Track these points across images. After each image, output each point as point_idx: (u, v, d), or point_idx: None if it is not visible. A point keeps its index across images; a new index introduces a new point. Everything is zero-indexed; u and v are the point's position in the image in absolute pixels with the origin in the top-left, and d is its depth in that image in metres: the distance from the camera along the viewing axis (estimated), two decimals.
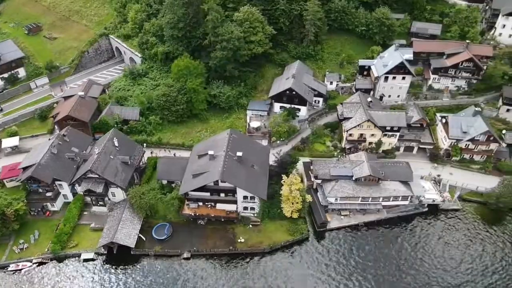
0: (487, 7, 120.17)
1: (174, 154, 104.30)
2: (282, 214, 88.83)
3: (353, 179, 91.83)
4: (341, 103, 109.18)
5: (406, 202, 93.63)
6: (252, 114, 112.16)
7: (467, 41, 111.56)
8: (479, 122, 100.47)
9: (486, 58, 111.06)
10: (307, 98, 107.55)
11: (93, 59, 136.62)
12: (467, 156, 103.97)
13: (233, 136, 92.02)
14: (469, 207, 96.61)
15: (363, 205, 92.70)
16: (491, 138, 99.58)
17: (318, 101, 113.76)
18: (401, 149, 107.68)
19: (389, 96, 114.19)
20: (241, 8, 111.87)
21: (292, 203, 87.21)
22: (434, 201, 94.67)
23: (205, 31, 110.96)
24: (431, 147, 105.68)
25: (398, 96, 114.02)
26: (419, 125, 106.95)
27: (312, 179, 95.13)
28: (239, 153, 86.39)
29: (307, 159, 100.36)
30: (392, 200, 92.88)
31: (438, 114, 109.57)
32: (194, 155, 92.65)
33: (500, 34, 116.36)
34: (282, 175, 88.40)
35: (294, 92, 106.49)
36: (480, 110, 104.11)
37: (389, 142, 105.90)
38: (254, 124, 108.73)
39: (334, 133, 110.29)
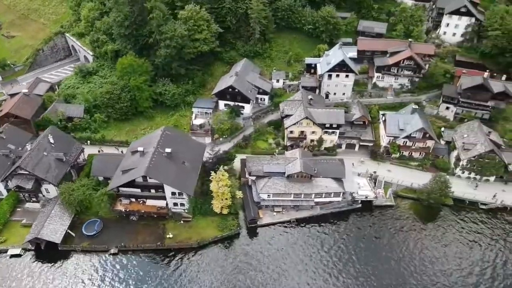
0: (433, 6, 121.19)
1: (122, 151, 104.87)
2: (214, 211, 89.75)
3: (286, 175, 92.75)
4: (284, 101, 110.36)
5: (339, 199, 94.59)
6: (198, 112, 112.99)
7: (410, 39, 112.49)
8: (416, 119, 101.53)
9: (429, 57, 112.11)
10: (249, 96, 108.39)
11: (49, 58, 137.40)
12: (406, 154, 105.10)
13: (167, 133, 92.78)
14: (403, 204, 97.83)
15: (296, 201, 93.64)
16: (427, 136, 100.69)
17: (264, 99, 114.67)
18: (343, 146, 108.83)
19: (335, 94, 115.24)
20: (186, 6, 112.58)
21: (222, 199, 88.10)
22: (366, 197, 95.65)
23: (151, 30, 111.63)
24: (371, 144, 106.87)
25: (344, 94, 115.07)
26: (361, 123, 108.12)
27: (247, 175, 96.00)
28: (168, 150, 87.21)
29: (246, 156, 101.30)
30: (325, 197, 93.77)
31: (381, 112, 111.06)
32: (129, 151, 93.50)
33: (445, 33, 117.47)
34: (211, 172, 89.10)
35: (236, 90, 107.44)
36: (417, 108, 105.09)
37: (330, 139, 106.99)
38: (198, 121, 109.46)
39: (278, 130, 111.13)
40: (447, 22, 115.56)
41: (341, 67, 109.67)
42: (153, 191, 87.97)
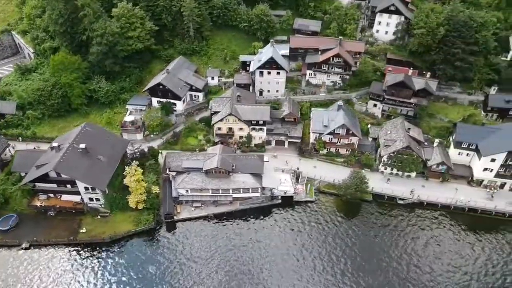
0: (368, 4, 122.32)
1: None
2: (132, 206, 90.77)
3: (203, 171, 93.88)
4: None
5: (258, 194, 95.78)
6: (133, 109, 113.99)
7: (341, 37, 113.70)
8: (340, 116, 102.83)
9: (359, 54, 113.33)
10: (178, 93, 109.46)
11: None
12: (333, 150, 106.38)
13: (86, 129, 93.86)
14: (324, 199, 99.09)
15: (214, 196, 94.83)
16: (350, 132, 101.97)
17: (198, 96, 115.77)
18: (273, 143, 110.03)
19: (268, 91, 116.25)
20: (119, 4, 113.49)
21: (137, 195, 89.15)
22: (285, 193, 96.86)
23: (85, 27, 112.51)
24: (299, 141, 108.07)
25: (277, 91, 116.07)
26: (292, 120, 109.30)
27: (167, 171, 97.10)
28: (82, 145, 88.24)
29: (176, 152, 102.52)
30: (243, 192, 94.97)
31: (312, 109, 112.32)
32: (49, 147, 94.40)
33: (378, 31, 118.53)
34: (126, 167, 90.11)
35: (166, 87, 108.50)
36: (342, 105, 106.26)
37: (259, 136, 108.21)
38: (129, 118, 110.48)
39: (210, 127, 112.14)
40: (379, 21, 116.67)
41: (271, 64, 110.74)
42: (69, 186, 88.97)
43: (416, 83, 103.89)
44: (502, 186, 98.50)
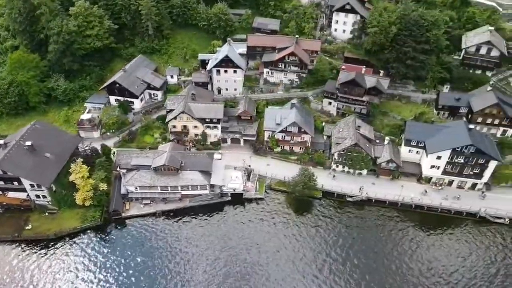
0: (328, 3, 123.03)
1: None
2: (80, 203, 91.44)
3: (152, 168, 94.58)
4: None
5: (207, 191, 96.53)
6: (92, 107, 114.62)
7: (296, 36, 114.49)
8: (292, 114, 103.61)
9: (316, 53, 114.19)
10: (133, 91, 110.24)
11: None
12: (287, 148, 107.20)
13: (35, 127, 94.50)
14: (275, 196, 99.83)
15: (163, 194, 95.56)
16: (302, 130, 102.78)
17: (156, 94, 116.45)
18: (228, 141, 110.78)
19: (227, 89, 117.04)
20: (76, 2, 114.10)
21: (83, 192, 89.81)
22: (234, 190, 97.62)
23: (43, 25, 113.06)
24: (254, 139, 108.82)
25: (235, 89, 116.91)
26: (248, 118, 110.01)
27: (118, 168, 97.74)
28: (29, 142, 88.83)
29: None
30: (192, 189, 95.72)
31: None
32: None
33: (336, 30, 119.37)
34: (71, 165, 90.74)
35: (121, 86, 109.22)
36: (295, 103, 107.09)
37: (214, 134, 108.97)
38: (85, 116, 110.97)
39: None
40: (336, 20, 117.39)
41: (227, 63, 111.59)
42: (15, 183, 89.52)
43: (368, 81, 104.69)
44: (450, 183, 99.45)
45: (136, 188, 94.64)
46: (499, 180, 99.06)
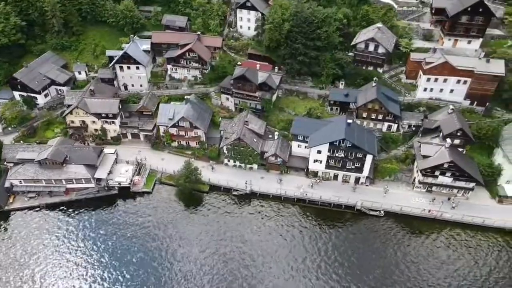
0: (235, 0, 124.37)
1: None
2: None
3: (35, 162, 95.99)
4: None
5: (92, 185, 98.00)
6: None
7: (198, 32, 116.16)
8: (184, 109, 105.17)
9: (218, 49, 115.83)
10: (33, 87, 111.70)
11: None
12: (184, 143, 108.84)
13: None
14: (164, 190, 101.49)
15: (48, 187, 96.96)
16: (194, 125, 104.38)
17: (62, 90, 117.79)
18: (129, 136, 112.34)
19: (132, 85, 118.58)
20: None
21: None
22: (120, 184, 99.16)
23: None
24: (151, 134, 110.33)
25: (141, 85, 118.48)
26: (149, 113, 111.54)
27: (5, 162, 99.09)
28: None
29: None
30: (77, 183, 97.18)
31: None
32: None
33: (241, 27, 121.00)
34: None
35: (21, 81, 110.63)
36: (189, 98, 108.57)
37: (113, 129, 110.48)
38: None
39: None
40: (240, 16, 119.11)
41: (129, 59, 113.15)
42: None
43: (260, 77, 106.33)
44: (336, 177, 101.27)
45: (21, 181, 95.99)
46: (382, 174, 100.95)
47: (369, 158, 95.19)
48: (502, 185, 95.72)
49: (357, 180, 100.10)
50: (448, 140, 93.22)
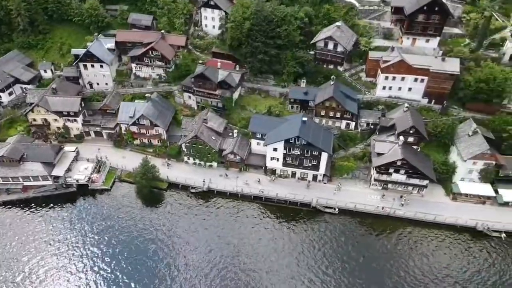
0: None
1: None
2: None
3: None
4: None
5: (50, 182, 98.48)
6: None
7: (162, 31, 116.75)
8: (143, 107, 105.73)
9: (181, 48, 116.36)
10: None
11: None
12: (146, 141, 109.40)
13: None
14: (123, 187, 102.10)
15: (5, 184, 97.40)
16: (153, 123, 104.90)
17: (27, 89, 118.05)
18: (92, 134, 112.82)
19: (98, 84, 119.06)
20: None
21: None
22: (78, 181, 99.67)
23: None
24: (113, 132, 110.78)
25: (106, 84, 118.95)
26: (113, 112, 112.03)
27: None
28: None
29: None
30: (34, 180, 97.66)
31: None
32: None
33: (206, 26, 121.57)
34: None
35: None
36: (150, 96, 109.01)
37: (76, 127, 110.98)
38: None
39: None
40: (205, 15, 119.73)
41: (92, 57, 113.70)
42: None
43: (221, 75, 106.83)
44: (293, 175, 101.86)
45: None
46: (340, 172, 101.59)
47: (324, 156, 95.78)
48: (457, 182, 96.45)
49: (314, 177, 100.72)
50: (401, 137, 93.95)
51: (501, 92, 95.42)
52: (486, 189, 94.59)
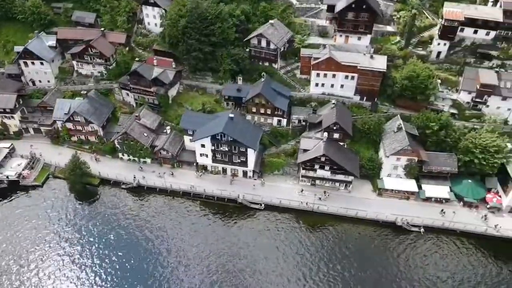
0: None
1: None
2: None
3: None
4: None
5: None
6: None
7: (102, 29, 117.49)
8: (77, 104, 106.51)
9: (121, 45, 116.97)
10: None
11: None
12: (83, 137, 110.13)
13: None
14: (55, 183, 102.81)
15: None
16: (88, 120, 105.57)
17: None
18: (31, 130, 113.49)
19: (40, 81, 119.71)
20: None
21: None
22: (8, 177, 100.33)
23: None
24: (50, 128, 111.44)
25: (48, 81, 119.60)
26: (52, 109, 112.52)
27: None
28: None
29: None
30: None
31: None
32: None
33: (149, 23, 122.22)
34: None
35: None
36: (87, 93, 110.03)
37: (13, 123, 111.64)
38: None
39: None
40: (146, 13, 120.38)
41: (31, 54, 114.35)
42: None
43: (155, 72, 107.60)
44: (224, 171, 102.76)
45: None
46: (270, 168, 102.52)
47: (251, 152, 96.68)
48: (383, 178, 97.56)
49: (245, 174, 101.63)
50: (325, 134, 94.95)
51: (424, 89, 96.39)
52: (410, 185, 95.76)
